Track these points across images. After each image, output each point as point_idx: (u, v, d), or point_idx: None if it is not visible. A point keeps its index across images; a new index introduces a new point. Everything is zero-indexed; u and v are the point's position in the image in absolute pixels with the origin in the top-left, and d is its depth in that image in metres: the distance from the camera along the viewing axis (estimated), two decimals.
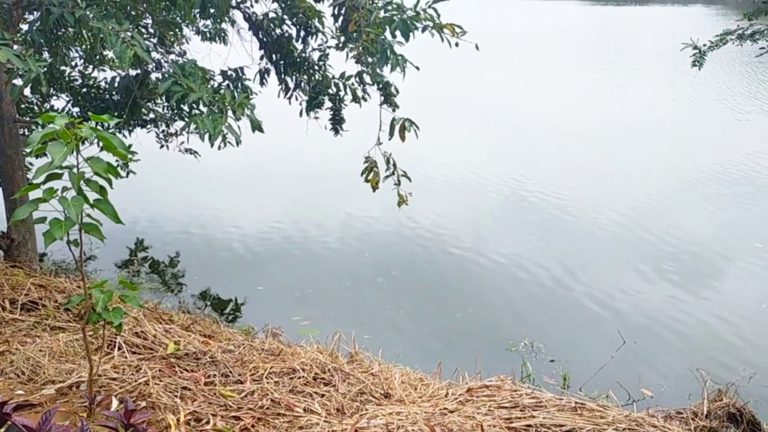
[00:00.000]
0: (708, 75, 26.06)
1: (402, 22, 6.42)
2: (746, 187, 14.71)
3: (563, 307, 9.68)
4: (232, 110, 5.75)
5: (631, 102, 24.76)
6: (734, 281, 10.42)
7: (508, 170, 15.98)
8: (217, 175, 15.16)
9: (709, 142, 18.60)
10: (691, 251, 11.41)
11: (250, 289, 10.08)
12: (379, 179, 7.37)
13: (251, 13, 8.31)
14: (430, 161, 16.18)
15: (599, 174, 15.84)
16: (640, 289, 10.09)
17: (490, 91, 27.42)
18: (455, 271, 10.95)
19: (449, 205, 13.69)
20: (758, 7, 5.73)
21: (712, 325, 9.10)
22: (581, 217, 13.11)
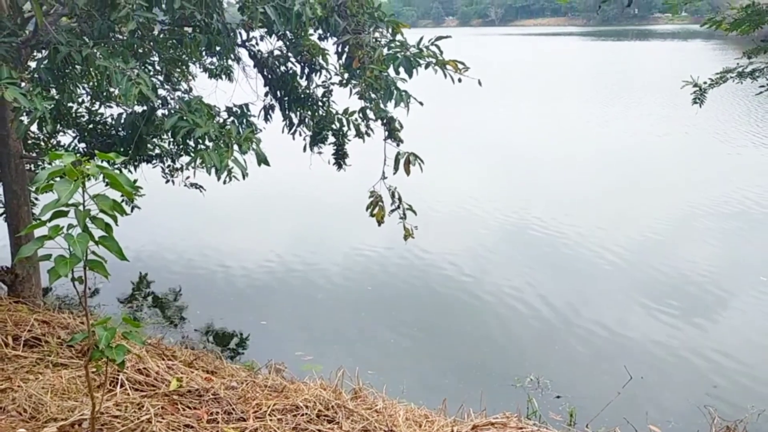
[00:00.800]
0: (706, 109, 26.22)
1: (405, 59, 6.51)
2: (747, 220, 14.68)
3: (569, 341, 9.60)
4: (237, 144, 5.81)
5: (631, 136, 24.89)
6: (740, 315, 10.33)
7: (511, 203, 16.02)
8: (222, 209, 15.23)
9: (709, 174, 18.62)
10: (696, 284, 11.34)
11: (254, 324, 10.05)
12: (384, 213, 7.38)
13: (256, 50, 8.43)
14: (433, 194, 16.23)
15: (601, 206, 15.85)
16: (646, 323, 10.01)
17: (492, 124, 27.65)
18: (459, 304, 10.89)
19: (452, 238, 13.69)
20: (757, 45, 5.81)
21: (719, 360, 8.99)
22: (584, 249, 13.07)
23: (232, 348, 9.52)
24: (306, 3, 6.04)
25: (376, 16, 6.98)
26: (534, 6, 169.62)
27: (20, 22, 6.83)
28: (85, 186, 3.30)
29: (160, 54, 8.21)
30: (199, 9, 6.43)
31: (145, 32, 6.75)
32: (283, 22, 6.10)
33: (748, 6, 5.41)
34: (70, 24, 6.89)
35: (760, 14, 5.43)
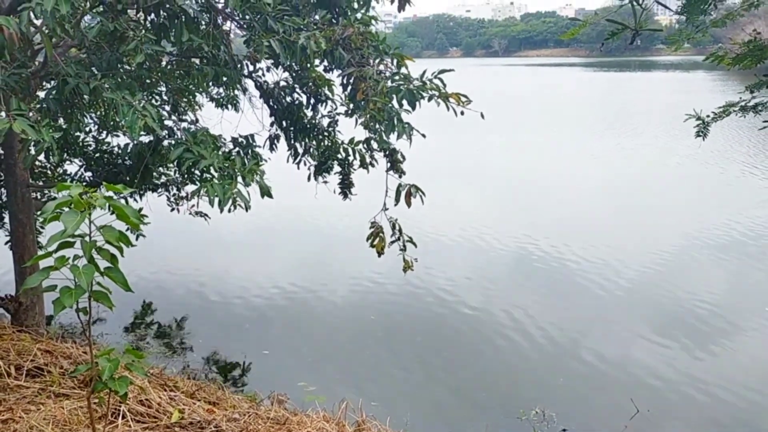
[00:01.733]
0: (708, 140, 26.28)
1: (408, 91, 6.57)
2: (748, 250, 14.63)
3: (574, 372, 9.52)
4: (242, 176, 5.84)
5: (633, 166, 25.00)
6: (747, 347, 10.25)
7: (513, 233, 16.02)
8: (227, 238, 15.27)
9: (711, 204, 18.63)
10: (699, 315, 11.27)
11: (256, 353, 10.00)
12: (384, 244, 7.39)
13: (263, 81, 8.53)
14: (435, 223, 16.27)
15: (603, 236, 15.80)
16: (650, 355, 9.93)
17: (494, 154, 27.78)
18: (462, 334, 10.83)
19: (455, 268, 13.66)
20: (760, 80, 5.86)
21: (726, 393, 8.89)
22: (587, 279, 13.03)
23: (235, 378, 9.46)
24: (311, 36, 6.12)
25: (380, 49, 7.06)
26: (537, 37, 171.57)
27: (30, 54, 6.94)
28: (92, 217, 3.33)
29: (167, 84, 8.32)
30: (206, 41, 6.53)
31: (153, 64, 6.85)
32: (288, 55, 6.17)
33: (750, 41, 5.47)
34: (79, 55, 6.99)
35: (762, 49, 5.49)
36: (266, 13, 6.10)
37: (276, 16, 6.19)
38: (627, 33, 3.38)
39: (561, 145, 29.74)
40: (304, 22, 6.50)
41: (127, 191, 3.50)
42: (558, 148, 28.77)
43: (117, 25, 5.94)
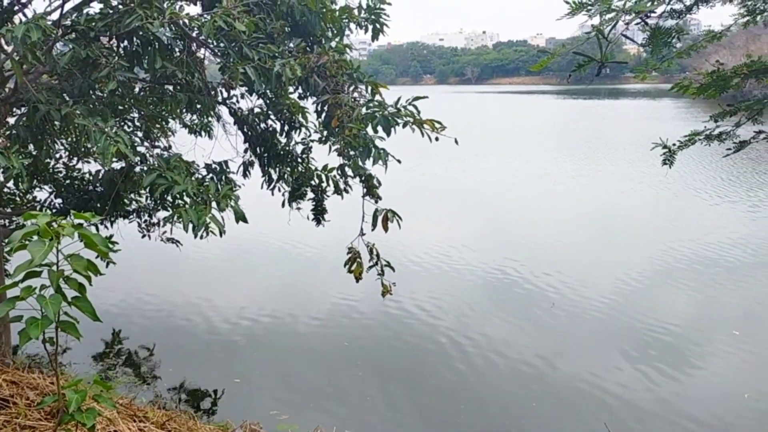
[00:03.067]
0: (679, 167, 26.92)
1: (383, 118, 6.62)
2: (717, 273, 14.89)
3: (548, 396, 9.54)
4: (216, 202, 5.82)
5: (604, 191, 25.41)
6: (717, 369, 10.37)
7: (488, 257, 16.11)
8: (199, 264, 15.12)
9: (681, 228, 18.95)
10: (671, 339, 11.40)
11: (228, 382, 9.85)
12: (362, 270, 7.38)
13: (237, 108, 8.53)
14: (411, 248, 16.31)
15: (577, 260, 15.97)
16: (624, 378, 9.99)
17: (471, 179, 27.99)
18: (438, 359, 10.80)
19: (431, 291, 13.67)
20: (723, 109, 6.04)
21: (698, 415, 8.98)
22: (562, 302, 13.12)
23: (206, 407, 9.30)
24: (286, 64, 6.16)
25: (355, 77, 7.12)
26: (509, 65, 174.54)
27: (0, 80, 6.86)
28: (59, 246, 3.28)
29: (140, 111, 8.27)
30: (180, 68, 6.53)
31: (126, 90, 6.81)
32: (263, 81, 6.20)
33: (713, 72, 5.64)
34: (50, 82, 6.94)
35: (724, 79, 5.65)
36: (241, 41, 6.13)
37: (251, 44, 6.22)
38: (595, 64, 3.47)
39: (533, 171, 30.15)
40: (279, 49, 6.54)
41: (95, 219, 3.46)
42: (530, 175, 29.16)
43: (89, 52, 5.91)
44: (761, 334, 11.54)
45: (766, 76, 5.62)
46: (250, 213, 6.27)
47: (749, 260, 15.79)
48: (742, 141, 6.23)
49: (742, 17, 5.79)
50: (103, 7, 6.33)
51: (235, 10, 5.81)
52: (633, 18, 3.13)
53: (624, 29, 3.10)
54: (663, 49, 4.61)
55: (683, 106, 66.95)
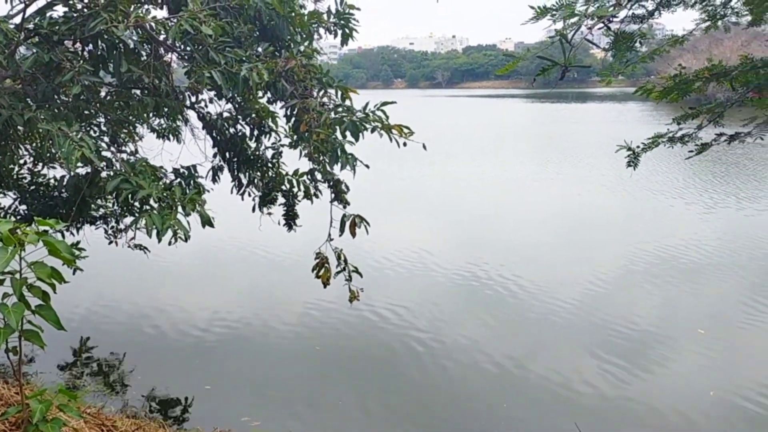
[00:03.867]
0: (642, 168, 27.41)
1: (352, 123, 6.63)
2: (682, 273, 15.18)
3: (519, 397, 9.62)
4: (182, 206, 5.77)
5: (572, 192, 25.75)
6: (683, 368, 10.55)
7: (459, 259, 16.19)
8: (169, 270, 14.94)
9: (647, 230, 19.29)
10: (639, 338, 11.57)
11: (199, 389, 9.74)
12: (330, 275, 7.39)
13: (205, 112, 8.48)
14: (382, 252, 16.34)
15: (546, 261, 16.14)
16: (594, 378, 10.12)
17: (441, 183, 28.15)
18: (410, 362, 10.82)
19: (403, 295, 13.70)
20: (685, 112, 6.18)
21: (666, 414, 9.13)
22: (532, 304, 13.26)
23: (177, 415, 9.19)
24: (253, 68, 6.14)
25: (324, 81, 7.13)
26: (479, 70, 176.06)
27: None
28: (23, 253, 3.23)
29: (106, 115, 8.17)
30: (147, 72, 6.47)
31: (91, 95, 6.73)
32: (230, 86, 6.17)
33: (676, 75, 5.77)
34: (14, 86, 6.81)
35: (686, 83, 5.79)
36: (207, 45, 6.09)
37: (217, 48, 6.19)
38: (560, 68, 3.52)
39: (501, 174, 30.48)
40: (246, 54, 6.52)
41: (60, 226, 3.41)
42: (498, 177, 29.48)
43: (53, 56, 5.83)
44: (725, 332, 11.78)
45: (727, 79, 5.77)
46: (221, 218, 6.25)
47: (708, 260, 16.13)
48: (703, 143, 6.38)
49: (703, 22, 5.93)
50: (67, 10, 6.25)
51: (202, 14, 5.77)
52: (596, 23, 3.20)
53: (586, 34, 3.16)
54: (626, 53, 4.71)
55: (648, 109, 68.19)
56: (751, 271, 15.27)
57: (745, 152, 33.49)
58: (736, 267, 15.55)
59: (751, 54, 6.26)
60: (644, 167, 27.31)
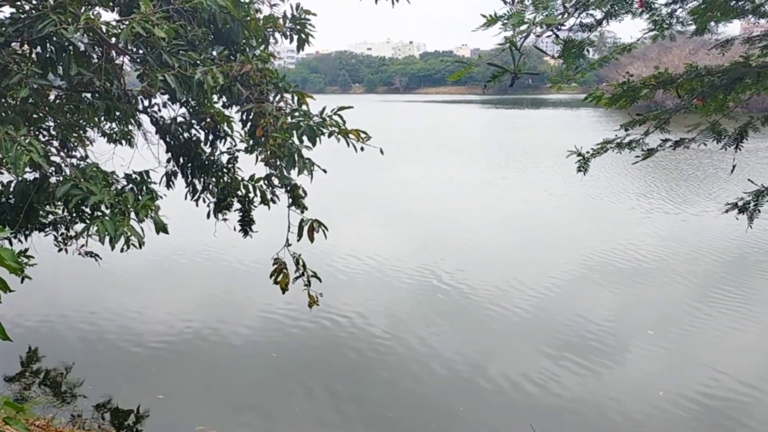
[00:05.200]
0: (595, 173, 28.03)
1: (308, 127, 6.62)
2: (633, 274, 15.57)
3: (476, 399, 9.70)
4: (135, 212, 5.66)
5: (527, 196, 26.18)
6: (634, 369, 10.80)
7: (417, 263, 16.27)
8: (122, 277, 14.64)
9: (599, 232, 19.72)
10: (592, 339, 11.80)
11: (152, 398, 9.56)
12: (288, 281, 7.34)
13: (159, 117, 8.35)
14: (340, 256, 16.32)
15: (503, 264, 16.35)
16: (549, 379, 10.28)
17: (398, 188, 28.28)
18: (368, 367, 10.83)
19: (361, 299, 13.70)
20: (633, 118, 6.37)
21: (618, 414, 9.33)
22: (489, 306, 13.40)
23: (129, 425, 9.00)
24: (208, 72, 6.08)
25: (280, 86, 7.10)
26: (436, 75, 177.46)
27: None
28: None
29: (55, 119, 7.97)
30: (98, 75, 6.34)
31: (40, 98, 6.57)
32: (184, 90, 6.09)
33: (624, 83, 5.94)
34: None
35: (634, 90, 5.96)
36: (160, 48, 6.01)
37: (171, 51, 6.10)
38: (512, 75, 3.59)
39: (459, 178, 30.77)
40: (200, 57, 6.45)
41: (6, 233, 3.31)
42: (455, 182, 29.76)
43: (0, 59, 5.67)
44: (673, 333, 12.10)
45: (672, 87, 5.96)
46: (175, 224, 6.15)
47: (654, 262, 16.58)
48: (650, 149, 6.57)
49: (650, 30, 6.10)
50: (15, 11, 6.09)
51: (154, 17, 5.69)
52: (544, 31, 3.27)
53: (536, 41, 3.23)
54: (576, 60, 4.83)
55: (600, 115, 69.74)
56: (695, 273, 15.76)
57: (686, 157, 34.55)
58: (680, 269, 16.02)
59: (696, 62, 6.47)
60: (595, 172, 28.03)
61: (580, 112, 79.49)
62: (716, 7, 5.68)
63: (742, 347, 11.57)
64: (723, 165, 31.99)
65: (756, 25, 7.28)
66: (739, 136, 6.42)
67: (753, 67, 6.03)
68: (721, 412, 9.43)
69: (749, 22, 6.43)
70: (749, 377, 10.31)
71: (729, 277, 15.41)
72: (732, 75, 5.94)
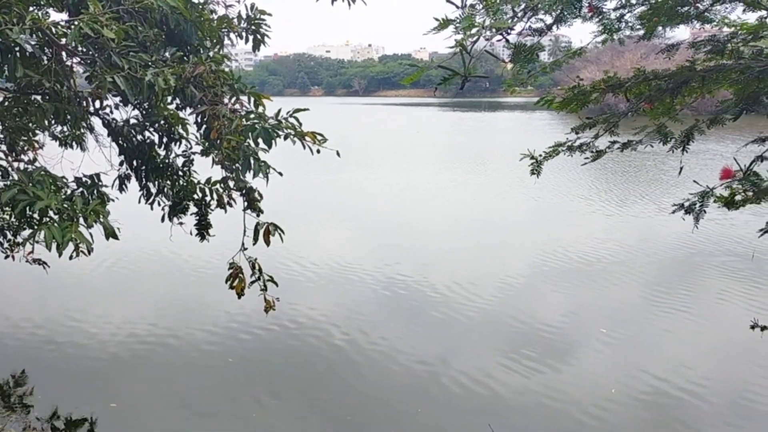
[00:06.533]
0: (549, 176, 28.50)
1: (264, 130, 6.54)
2: (587, 274, 15.88)
3: (433, 400, 9.76)
4: (83, 217, 5.52)
5: (483, 198, 26.49)
6: (587, 367, 11.01)
7: (375, 265, 16.32)
8: (76, 283, 14.33)
9: (554, 234, 20.06)
10: (548, 338, 12.00)
11: (104, 407, 9.35)
12: (244, 285, 7.25)
13: (111, 119, 8.17)
14: (300, 259, 16.24)
15: (460, 266, 16.49)
16: (505, 379, 10.41)
17: (356, 190, 28.28)
18: (325, 369, 10.80)
19: (319, 303, 13.66)
20: (583, 122, 6.50)
21: (573, 411, 9.49)
22: (446, 307, 13.52)
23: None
24: (159, 73, 5.96)
25: (235, 88, 7.01)
26: (395, 78, 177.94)
27: None
28: None
29: (2, 122, 7.73)
30: (47, 77, 6.18)
31: None
32: (134, 92, 5.97)
33: (574, 87, 6.05)
34: None
35: (584, 94, 6.08)
36: (110, 49, 5.88)
37: (121, 52, 5.98)
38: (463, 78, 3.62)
39: (415, 181, 30.96)
40: (152, 58, 6.32)
41: None
42: (412, 184, 29.93)
43: None
44: (624, 331, 12.37)
45: (621, 90, 6.11)
46: (130, 228, 6.03)
47: (605, 262, 16.94)
48: (598, 150, 6.72)
49: (600, 34, 6.23)
50: None
51: (104, 17, 5.57)
52: (494, 34, 3.32)
53: (486, 45, 3.27)
54: (527, 64, 4.91)
55: (555, 118, 70.88)
56: (643, 273, 16.15)
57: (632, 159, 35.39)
58: (628, 268, 16.40)
59: (645, 66, 6.64)
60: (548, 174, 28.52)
61: (535, 115, 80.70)
62: (662, 13, 5.83)
63: (688, 344, 11.90)
64: (665, 167, 32.90)
65: (702, 30, 7.50)
66: (686, 139, 6.60)
67: (698, 71, 6.21)
68: (671, 407, 9.69)
69: (694, 27, 6.63)
70: (696, 373, 10.62)
71: (675, 276, 15.86)
72: (678, 79, 6.11)
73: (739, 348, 11.41)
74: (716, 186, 6.14)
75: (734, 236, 18.98)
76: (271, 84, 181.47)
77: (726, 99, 6.94)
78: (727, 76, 6.28)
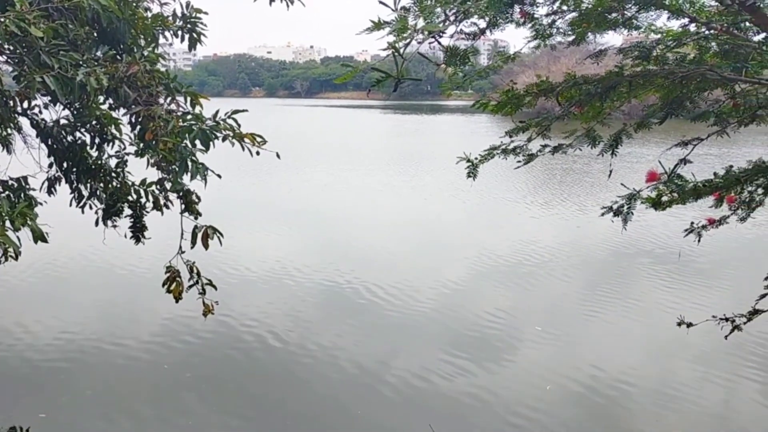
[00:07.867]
0: (491, 179, 29.00)
1: (201, 131, 6.44)
2: (524, 274, 16.28)
3: (375, 401, 9.82)
4: (10, 221, 5.33)
5: (422, 200, 26.81)
6: (523, 364, 11.29)
7: (320, 267, 16.30)
8: (4, 289, 13.75)
9: (493, 235, 20.47)
10: (486, 337, 12.26)
11: (33, 417, 9.01)
12: (182, 289, 7.13)
13: (40, 119, 7.90)
14: (240, 262, 16.06)
15: (403, 267, 16.65)
16: (445, 378, 10.56)
17: (298, 193, 28.13)
18: (266, 372, 10.75)
19: (261, 305, 13.55)
20: (516, 125, 6.67)
21: (510, 408, 9.71)
22: (391, 308, 13.63)
23: None
24: (91, 73, 5.81)
25: (171, 88, 6.88)
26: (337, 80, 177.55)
27: None
28: None
29: None
30: None
31: None
32: (65, 92, 5.80)
33: (508, 91, 6.21)
34: None
35: (518, 98, 6.24)
36: (39, 48, 5.70)
37: (50, 51, 5.80)
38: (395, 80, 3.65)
39: (355, 182, 31.07)
40: (83, 57, 6.15)
41: None
42: (352, 186, 30.05)
43: None
44: (558, 329, 12.73)
45: (553, 95, 6.30)
46: (62, 232, 5.84)
47: (542, 263, 17.40)
48: (530, 154, 6.90)
49: (533, 39, 6.40)
50: None
51: (31, 15, 5.39)
52: (426, 37, 3.38)
53: (423, 48, 3.34)
54: (461, 68, 5.01)
55: (494, 121, 72.20)
56: (576, 272, 16.69)
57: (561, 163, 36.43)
58: (563, 268, 16.90)
59: (577, 71, 6.85)
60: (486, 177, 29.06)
61: (474, 119, 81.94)
62: (592, 19, 6.04)
63: (621, 341, 12.33)
64: (590, 170, 33.98)
65: (631, 37, 7.80)
66: (615, 142, 6.85)
67: (626, 76, 6.46)
68: (603, 400, 10.03)
69: (626, 34, 6.89)
70: (628, 369, 11.02)
71: (606, 275, 16.42)
72: (606, 84, 6.34)
73: (667, 343, 11.88)
74: (642, 188, 6.40)
75: (660, 236, 19.74)
76: (210, 85, 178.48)
77: (652, 104, 7.23)
78: (653, 81, 6.54)
